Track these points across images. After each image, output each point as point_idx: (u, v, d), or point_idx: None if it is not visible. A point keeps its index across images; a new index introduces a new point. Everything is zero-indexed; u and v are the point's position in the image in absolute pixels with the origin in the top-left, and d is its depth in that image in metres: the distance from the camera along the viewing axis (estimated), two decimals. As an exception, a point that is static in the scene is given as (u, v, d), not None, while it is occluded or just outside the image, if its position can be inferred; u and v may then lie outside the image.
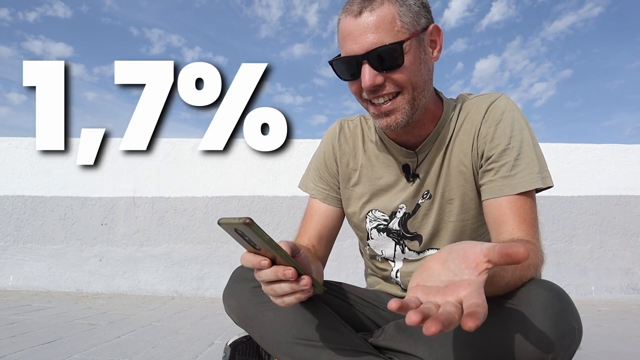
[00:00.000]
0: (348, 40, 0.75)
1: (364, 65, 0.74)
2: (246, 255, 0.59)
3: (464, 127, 0.86)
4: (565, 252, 3.10)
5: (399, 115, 0.78)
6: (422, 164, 0.88)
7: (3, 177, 3.17)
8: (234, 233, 0.54)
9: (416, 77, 0.77)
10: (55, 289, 3.01)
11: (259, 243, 0.55)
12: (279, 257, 0.57)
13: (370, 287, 1.08)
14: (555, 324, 0.60)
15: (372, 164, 0.94)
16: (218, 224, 0.53)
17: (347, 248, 2.96)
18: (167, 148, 3.20)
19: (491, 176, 0.80)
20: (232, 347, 0.96)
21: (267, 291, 0.61)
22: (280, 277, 0.57)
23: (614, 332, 1.80)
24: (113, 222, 3.12)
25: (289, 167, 3.17)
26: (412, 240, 0.92)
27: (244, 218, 0.50)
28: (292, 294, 0.60)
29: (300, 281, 0.58)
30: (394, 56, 0.73)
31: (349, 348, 0.76)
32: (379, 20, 0.73)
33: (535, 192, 0.81)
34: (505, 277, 0.60)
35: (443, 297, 0.43)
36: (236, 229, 0.52)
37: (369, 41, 0.73)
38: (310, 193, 1.00)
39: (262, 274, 0.58)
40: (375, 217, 0.94)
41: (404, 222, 0.91)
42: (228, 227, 0.53)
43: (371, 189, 0.93)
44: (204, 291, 3.01)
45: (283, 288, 0.59)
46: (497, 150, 0.80)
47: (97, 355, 1.26)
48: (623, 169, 3.21)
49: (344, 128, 0.99)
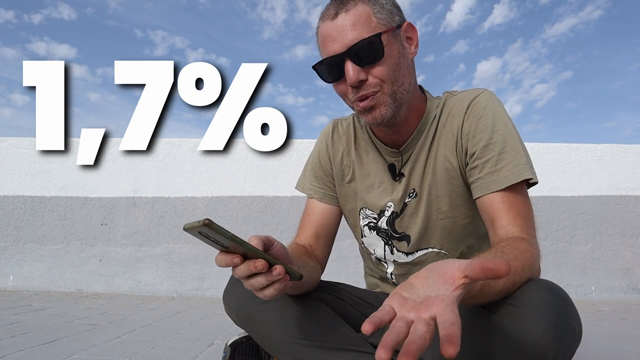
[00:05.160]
0: (328, 42, 0.78)
1: (346, 62, 0.76)
2: (218, 256, 0.59)
3: (447, 125, 0.85)
4: (565, 252, 3.10)
5: (383, 108, 0.79)
6: (407, 163, 0.88)
7: (3, 177, 3.17)
8: (199, 236, 0.54)
9: (396, 71, 0.78)
10: (55, 289, 3.01)
11: (225, 242, 0.55)
12: (249, 251, 0.57)
13: (369, 287, 1.08)
14: (555, 324, 0.60)
15: (363, 161, 0.95)
16: (183, 229, 0.53)
17: (347, 248, 2.96)
18: (167, 148, 3.20)
19: (477, 174, 0.80)
20: (232, 347, 0.96)
21: (247, 287, 0.61)
22: (253, 270, 0.57)
23: (614, 332, 1.80)
24: (113, 222, 3.12)
25: (289, 167, 3.17)
26: (400, 241, 0.92)
27: (202, 220, 0.51)
28: (270, 286, 0.60)
29: (273, 271, 0.58)
30: (374, 49, 0.75)
31: (349, 348, 0.76)
32: (355, 18, 0.75)
33: (527, 187, 0.80)
34: (496, 287, 0.60)
35: (417, 313, 0.42)
36: (200, 231, 0.53)
37: (349, 38, 0.75)
38: (307, 193, 1.01)
39: (237, 270, 0.59)
40: (367, 214, 0.94)
41: (392, 222, 0.91)
42: (192, 232, 0.53)
43: (362, 186, 0.94)
44: (204, 291, 3.01)
45: (259, 281, 0.59)
46: (480, 145, 0.79)
47: (97, 355, 1.26)
48: (623, 169, 3.21)
49: (337, 127, 1.00)
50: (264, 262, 0.58)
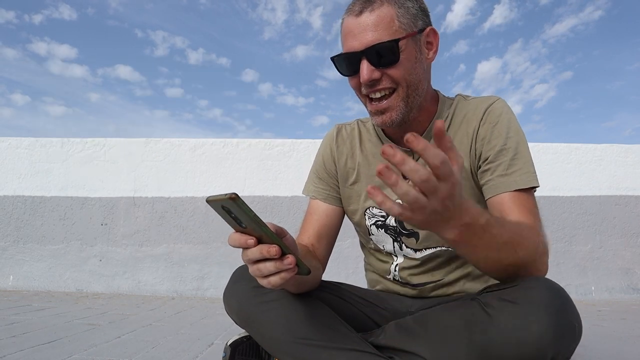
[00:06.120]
0: (349, 38, 0.80)
1: (362, 60, 0.79)
2: (233, 235, 0.59)
3: (462, 128, 0.88)
4: (565, 252, 3.10)
5: (394, 113, 0.82)
6: (418, 161, 0.89)
7: (3, 177, 3.17)
8: (221, 210, 0.55)
9: (411, 75, 0.81)
10: (55, 289, 3.01)
11: (245, 220, 0.55)
12: (265, 235, 0.57)
13: (369, 284, 1.09)
14: (555, 322, 0.60)
15: (370, 162, 0.96)
16: (206, 202, 0.54)
17: (347, 248, 2.96)
18: (167, 148, 3.20)
19: (489, 175, 0.83)
20: (232, 347, 0.96)
21: (253, 272, 0.61)
22: (265, 254, 0.57)
23: (614, 332, 1.80)
24: (113, 222, 3.12)
25: (289, 167, 3.17)
26: (408, 238, 0.93)
27: (229, 193, 0.51)
28: (277, 274, 0.59)
29: (285, 260, 0.58)
30: (390, 53, 0.77)
31: (349, 348, 0.76)
32: (378, 19, 0.78)
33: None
34: (498, 234, 0.61)
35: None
36: (223, 205, 0.53)
37: (368, 38, 0.78)
38: (310, 195, 1.03)
39: (249, 252, 0.58)
40: (373, 213, 0.96)
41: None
42: (215, 205, 0.53)
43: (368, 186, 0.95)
44: (204, 291, 3.01)
45: (267, 267, 0.59)
46: (494, 150, 0.83)
47: (97, 355, 1.26)
48: (623, 169, 3.21)
49: (341, 131, 1.03)
50: (278, 249, 0.57)
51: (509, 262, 0.65)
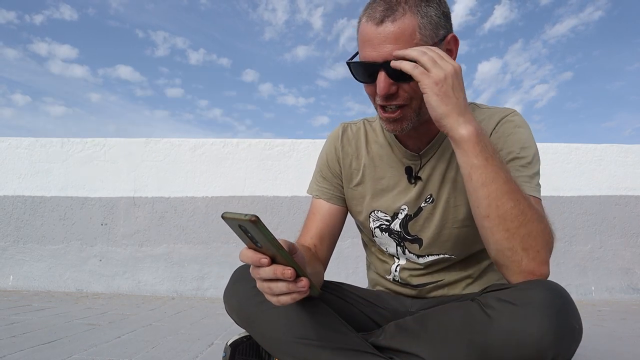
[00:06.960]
0: (367, 46, 0.76)
1: (380, 73, 0.75)
2: (246, 252, 0.59)
3: None
4: (565, 252, 3.10)
5: (405, 122, 0.80)
6: (425, 167, 0.89)
7: (3, 177, 3.16)
8: (237, 228, 0.54)
9: None
10: (55, 289, 3.01)
11: (261, 241, 0.54)
12: (280, 256, 0.56)
13: (370, 283, 1.09)
14: (555, 323, 0.60)
15: (376, 164, 0.95)
16: (222, 218, 0.52)
17: (347, 248, 2.96)
18: (167, 148, 3.20)
19: None
20: (232, 347, 0.95)
21: (263, 289, 0.61)
22: (279, 276, 0.57)
23: (614, 332, 1.80)
24: (113, 222, 3.11)
25: (289, 167, 3.17)
26: (412, 243, 0.93)
27: (250, 215, 0.50)
28: (288, 294, 0.60)
29: (299, 282, 0.58)
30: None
31: (349, 348, 0.76)
32: (399, 31, 0.73)
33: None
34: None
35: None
36: (240, 225, 0.52)
37: (387, 51, 0.74)
38: (314, 194, 1.02)
39: (261, 271, 0.58)
40: (378, 217, 0.95)
41: (405, 224, 0.92)
42: (232, 222, 0.52)
43: (373, 189, 0.94)
44: (204, 291, 3.00)
45: (280, 287, 0.59)
46: (507, 158, 0.82)
47: (97, 355, 1.26)
48: (623, 169, 3.21)
49: (346, 131, 1.01)
50: (294, 272, 0.57)
51: (513, 215, 0.66)
